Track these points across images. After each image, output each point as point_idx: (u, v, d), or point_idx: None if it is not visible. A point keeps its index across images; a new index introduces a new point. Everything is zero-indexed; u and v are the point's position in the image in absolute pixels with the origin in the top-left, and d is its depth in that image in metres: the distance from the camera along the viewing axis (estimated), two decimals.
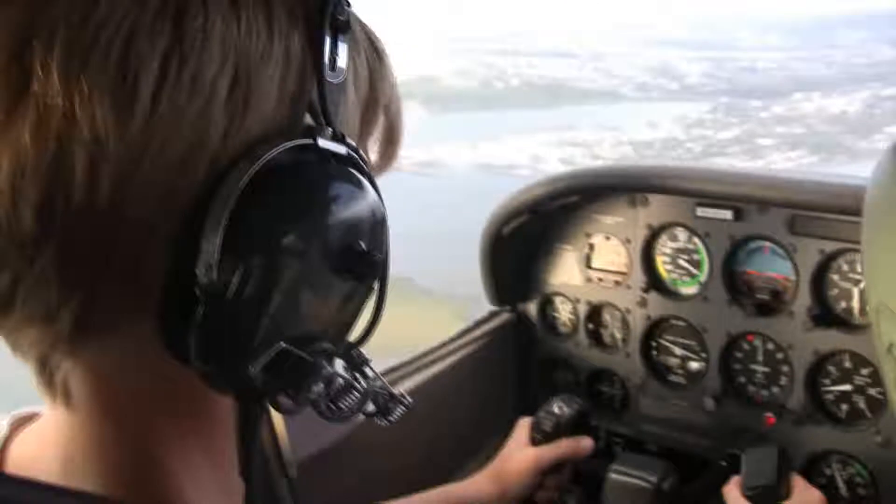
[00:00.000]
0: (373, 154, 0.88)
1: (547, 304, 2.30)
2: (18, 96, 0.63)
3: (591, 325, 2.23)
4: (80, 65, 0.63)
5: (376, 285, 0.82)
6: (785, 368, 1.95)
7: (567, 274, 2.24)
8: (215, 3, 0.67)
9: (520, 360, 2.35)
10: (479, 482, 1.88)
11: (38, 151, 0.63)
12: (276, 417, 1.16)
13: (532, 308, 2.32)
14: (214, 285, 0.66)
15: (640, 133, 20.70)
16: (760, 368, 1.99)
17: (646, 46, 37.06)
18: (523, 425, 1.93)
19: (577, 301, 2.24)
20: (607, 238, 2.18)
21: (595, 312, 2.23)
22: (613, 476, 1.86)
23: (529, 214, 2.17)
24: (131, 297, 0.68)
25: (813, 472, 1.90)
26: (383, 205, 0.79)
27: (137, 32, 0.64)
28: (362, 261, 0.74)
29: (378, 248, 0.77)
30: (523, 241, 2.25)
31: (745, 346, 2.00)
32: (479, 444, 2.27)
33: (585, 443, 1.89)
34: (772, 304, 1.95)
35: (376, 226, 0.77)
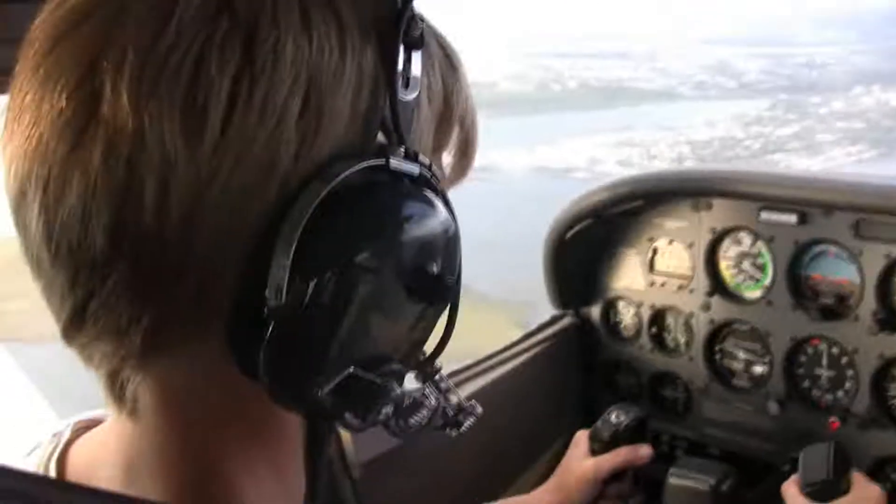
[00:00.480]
0: (447, 167, 0.87)
1: (610, 307, 2.32)
2: (89, 118, 0.64)
3: (654, 329, 2.24)
4: (149, 87, 0.63)
5: (449, 303, 0.80)
6: (850, 373, 1.94)
7: (630, 278, 2.26)
8: (287, 23, 0.66)
9: (582, 363, 2.37)
10: (541, 495, 1.89)
11: (108, 173, 0.63)
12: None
13: (595, 312, 2.33)
14: (283, 307, 0.65)
15: (697, 132, 20.43)
16: (825, 373, 1.99)
17: (703, 45, 36.67)
18: (582, 437, 1.93)
19: (641, 305, 2.25)
20: (670, 242, 2.18)
21: (658, 316, 2.24)
22: (672, 480, 1.86)
23: (593, 219, 2.19)
24: (201, 315, 0.68)
25: (878, 476, 1.89)
26: (456, 223, 0.77)
27: (207, 54, 0.64)
28: (434, 284, 0.73)
29: (450, 269, 0.75)
30: (586, 246, 2.27)
31: (810, 351, 2.00)
32: (542, 447, 2.29)
33: (644, 450, 1.89)
34: (836, 308, 1.94)
35: (448, 246, 0.75)
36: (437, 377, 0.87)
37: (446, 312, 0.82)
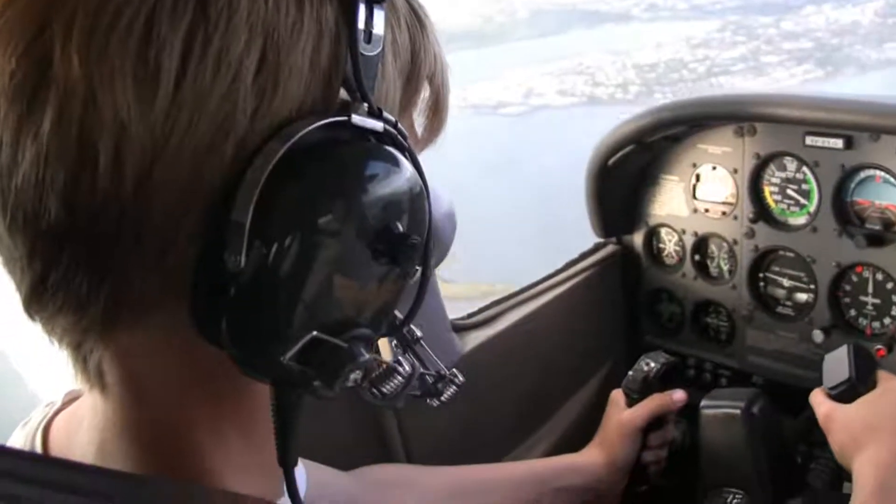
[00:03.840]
0: (418, 126, 0.85)
1: (653, 235, 2.29)
2: (39, 83, 0.63)
3: (697, 257, 2.21)
4: (99, 48, 0.62)
5: (418, 266, 0.79)
6: None
7: (673, 205, 2.22)
8: None
9: (625, 291, 2.35)
10: (591, 453, 1.88)
11: (60, 138, 0.62)
12: (384, 346, 1.17)
13: (638, 240, 2.31)
14: (243, 271, 0.64)
15: (646, 56, 19.86)
16: (871, 300, 1.95)
17: None
18: (617, 394, 1.92)
19: (684, 232, 2.22)
20: (714, 168, 2.14)
21: (701, 243, 2.20)
22: (705, 410, 1.86)
23: (635, 145, 2.15)
24: (162, 282, 0.67)
25: None
26: (424, 182, 0.75)
27: (159, 12, 0.63)
28: (399, 243, 0.71)
29: (416, 228, 0.74)
30: (628, 173, 2.24)
31: (855, 278, 1.96)
32: (585, 376, 2.29)
33: (678, 395, 1.88)
34: (883, 234, 1.89)
35: (414, 205, 0.73)
36: (414, 344, 0.86)
37: (420, 276, 0.81)
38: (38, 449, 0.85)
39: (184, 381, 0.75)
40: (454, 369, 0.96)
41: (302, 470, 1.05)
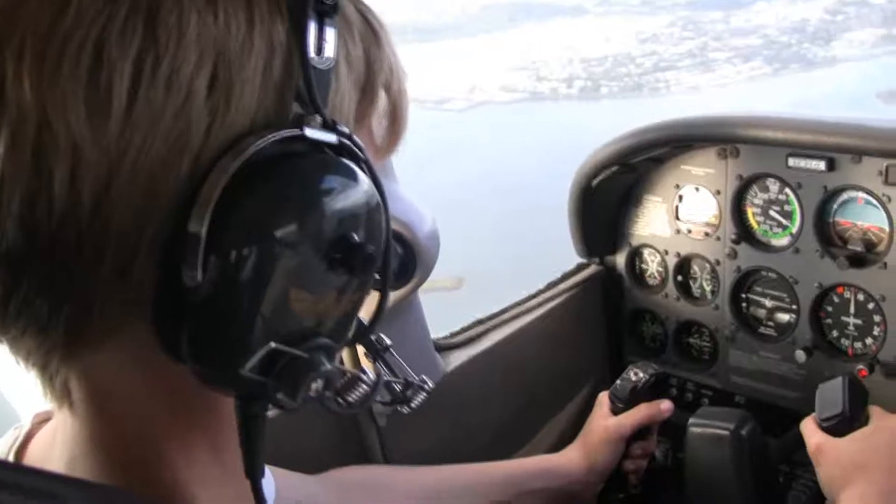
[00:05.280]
0: (377, 136, 0.85)
1: (635, 255, 2.30)
2: None
3: (679, 277, 2.22)
4: (50, 72, 0.62)
5: (376, 275, 0.79)
6: (877, 320, 1.92)
7: (656, 225, 2.24)
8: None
9: (607, 312, 2.36)
10: (568, 455, 1.89)
11: (15, 163, 0.62)
12: (367, 364, 1.15)
13: (620, 260, 2.32)
14: (200, 285, 0.65)
15: (595, 50, 19.93)
16: (852, 320, 1.96)
17: None
18: (604, 398, 1.93)
19: (666, 253, 2.23)
20: (697, 189, 2.16)
21: (684, 264, 2.22)
22: (692, 429, 1.86)
23: (618, 166, 2.17)
24: (123, 300, 0.68)
25: None
26: (381, 192, 0.76)
27: (108, 36, 0.63)
28: (356, 253, 0.71)
29: (373, 238, 0.74)
30: (612, 193, 2.25)
31: (836, 299, 1.98)
32: (567, 396, 2.29)
33: (664, 405, 1.89)
34: (864, 255, 1.91)
35: (370, 215, 0.74)
36: (384, 352, 0.86)
37: (379, 284, 0.82)
38: None
39: (150, 396, 0.75)
40: (423, 376, 0.95)
41: (270, 478, 1.05)
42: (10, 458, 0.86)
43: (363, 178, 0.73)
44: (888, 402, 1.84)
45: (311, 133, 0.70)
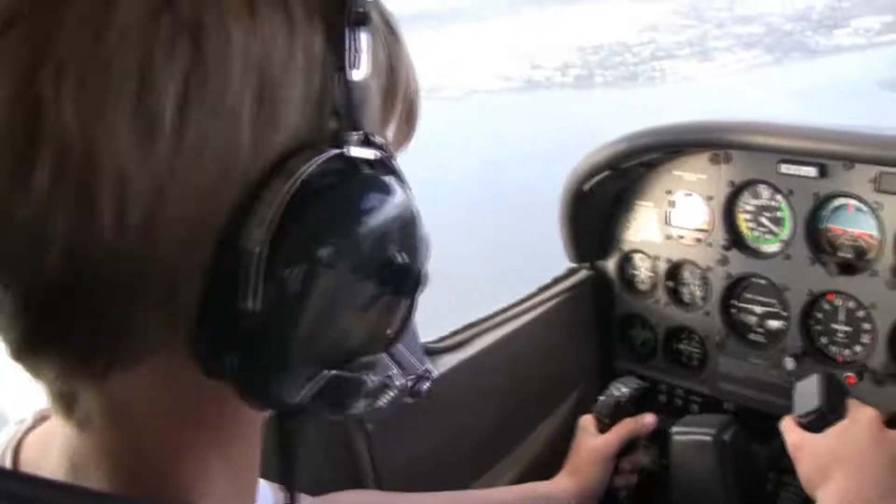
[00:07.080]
0: (391, 135, 0.83)
1: (626, 261, 2.29)
2: (32, 138, 0.60)
3: (670, 283, 2.21)
4: (94, 97, 0.60)
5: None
6: (867, 327, 1.91)
7: (647, 231, 2.23)
8: (233, 16, 0.63)
9: (598, 317, 2.35)
10: (559, 480, 1.89)
11: (59, 191, 0.60)
12: None
13: (611, 265, 2.31)
14: (254, 307, 0.63)
15: (591, 38, 19.71)
16: (842, 328, 1.96)
17: None
18: (588, 419, 1.93)
19: (657, 258, 2.22)
20: (688, 195, 2.15)
21: (675, 270, 2.21)
22: (676, 436, 1.86)
23: (610, 171, 2.16)
24: (165, 326, 0.66)
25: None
26: (412, 201, 0.74)
27: (154, 56, 0.61)
28: (404, 272, 0.71)
29: (415, 255, 0.73)
30: (603, 198, 2.24)
31: (826, 306, 1.97)
32: (557, 401, 2.28)
33: (648, 419, 1.89)
34: (855, 262, 1.91)
35: (410, 230, 0.73)
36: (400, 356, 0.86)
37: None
38: (9, 467, 0.83)
39: (172, 410, 0.73)
40: (427, 366, 0.95)
41: (271, 495, 1.04)
42: (8, 455, 0.83)
43: (400, 192, 0.72)
44: (877, 410, 1.84)
45: (354, 151, 0.69)
